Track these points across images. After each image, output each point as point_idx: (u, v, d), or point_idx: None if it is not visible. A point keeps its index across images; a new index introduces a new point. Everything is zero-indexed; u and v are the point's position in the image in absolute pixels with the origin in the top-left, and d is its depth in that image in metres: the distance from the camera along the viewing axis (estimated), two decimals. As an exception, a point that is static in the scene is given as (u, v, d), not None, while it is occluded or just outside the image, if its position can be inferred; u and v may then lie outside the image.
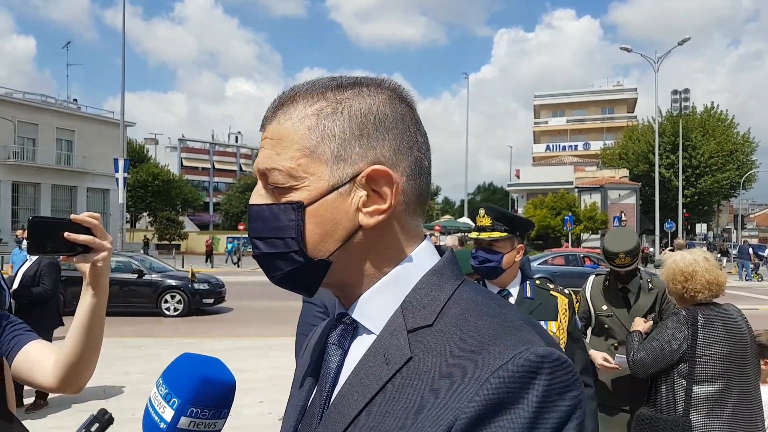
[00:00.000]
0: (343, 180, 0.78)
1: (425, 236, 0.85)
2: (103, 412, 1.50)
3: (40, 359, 1.60)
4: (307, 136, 0.78)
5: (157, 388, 0.88)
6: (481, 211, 2.70)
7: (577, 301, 4.02)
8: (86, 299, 1.49)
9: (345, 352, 0.82)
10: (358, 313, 0.81)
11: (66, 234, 1.33)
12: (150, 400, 0.88)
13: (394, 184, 0.78)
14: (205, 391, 0.86)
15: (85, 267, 1.42)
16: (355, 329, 0.83)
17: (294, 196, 0.78)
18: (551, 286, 2.86)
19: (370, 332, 0.80)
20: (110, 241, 1.43)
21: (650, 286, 3.80)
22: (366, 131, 0.79)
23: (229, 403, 0.89)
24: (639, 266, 3.83)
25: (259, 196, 0.82)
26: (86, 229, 1.38)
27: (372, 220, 0.78)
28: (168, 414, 0.84)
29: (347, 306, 0.83)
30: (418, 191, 0.82)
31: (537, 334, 0.73)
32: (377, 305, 0.80)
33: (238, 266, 33.83)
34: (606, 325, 3.81)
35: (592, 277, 4.04)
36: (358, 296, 0.81)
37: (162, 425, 0.85)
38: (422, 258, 0.82)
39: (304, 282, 0.82)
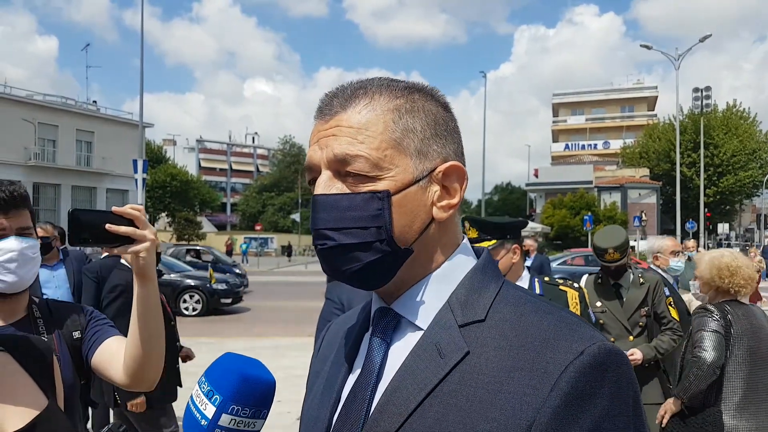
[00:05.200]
0: (423, 174, 0.81)
1: (463, 236, 0.89)
2: (118, 425, 1.48)
3: (115, 355, 1.63)
4: (393, 128, 0.80)
5: (199, 385, 0.88)
6: (466, 224, 2.78)
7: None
8: (135, 290, 1.51)
9: (388, 346, 0.84)
10: (404, 308, 0.84)
11: (107, 225, 1.35)
12: (192, 398, 0.88)
13: (465, 180, 0.84)
14: (246, 388, 0.86)
15: (131, 258, 1.45)
16: (397, 324, 0.84)
17: (378, 186, 0.79)
18: (560, 281, 2.95)
19: (416, 327, 0.82)
20: (153, 233, 1.44)
21: (641, 280, 3.93)
22: (439, 131, 0.84)
23: (269, 404, 0.89)
24: (629, 262, 3.97)
25: (328, 186, 0.81)
26: (129, 221, 1.40)
27: (444, 215, 0.82)
28: (210, 411, 0.85)
29: (390, 301, 0.85)
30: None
31: (595, 329, 0.76)
32: (423, 301, 0.82)
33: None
34: (601, 321, 3.92)
35: (585, 276, 4.21)
36: (403, 291, 0.84)
37: (203, 422, 0.85)
38: (464, 256, 0.86)
39: (382, 273, 0.81)
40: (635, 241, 30.48)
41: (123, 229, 1.37)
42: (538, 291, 2.75)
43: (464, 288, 0.81)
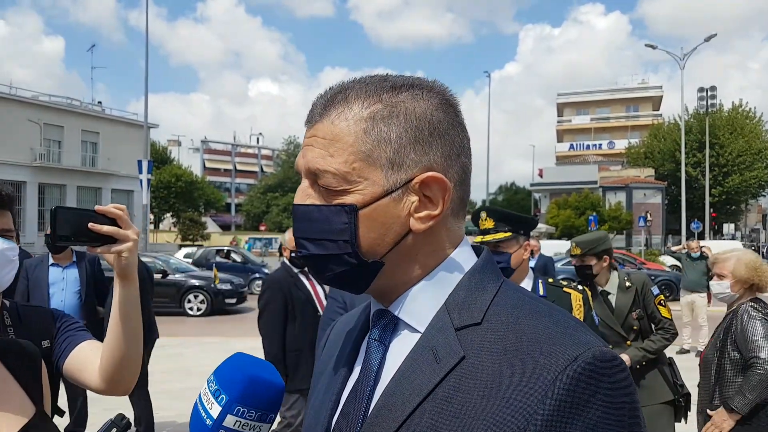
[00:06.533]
0: (396, 185, 0.78)
1: (464, 237, 0.86)
2: (120, 417, 1.49)
3: (89, 360, 1.60)
4: (363, 139, 0.77)
5: (208, 384, 0.87)
6: (483, 215, 2.77)
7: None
8: (116, 291, 1.49)
9: (386, 349, 0.83)
10: (401, 311, 0.82)
11: (90, 224, 1.34)
12: (199, 397, 0.87)
13: (447, 191, 0.78)
14: (253, 390, 0.84)
15: (112, 258, 1.42)
16: (395, 326, 0.83)
17: (347, 199, 0.77)
18: (564, 282, 2.92)
19: (413, 330, 0.80)
20: (136, 233, 1.42)
21: (627, 283, 3.89)
22: (421, 137, 0.79)
23: (276, 408, 0.87)
24: (596, 266, 3.88)
25: (305, 196, 0.81)
26: (112, 221, 1.39)
27: (423, 226, 0.79)
28: (215, 410, 0.84)
29: (387, 304, 0.84)
30: (462, 196, 0.83)
31: (592, 333, 0.74)
32: (421, 303, 0.81)
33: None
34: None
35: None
36: (400, 294, 0.82)
37: (208, 422, 0.84)
38: (463, 258, 0.83)
39: (355, 282, 0.82)
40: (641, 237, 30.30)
41: (106, 229, 1.36)
42: (541, 292, 2.75)
43: (462, 290, 0.79)
